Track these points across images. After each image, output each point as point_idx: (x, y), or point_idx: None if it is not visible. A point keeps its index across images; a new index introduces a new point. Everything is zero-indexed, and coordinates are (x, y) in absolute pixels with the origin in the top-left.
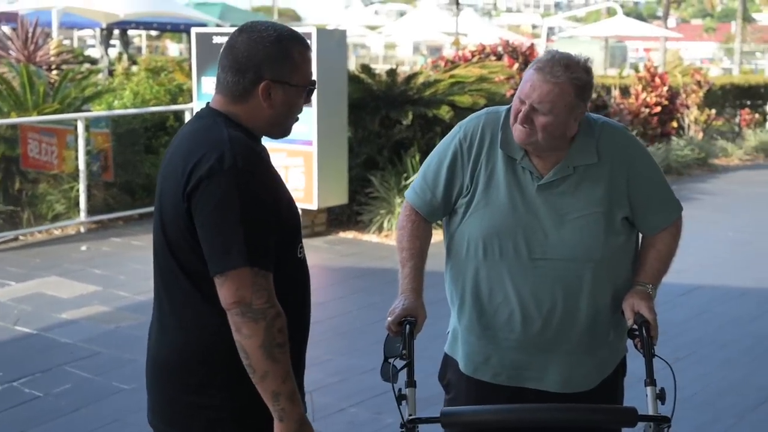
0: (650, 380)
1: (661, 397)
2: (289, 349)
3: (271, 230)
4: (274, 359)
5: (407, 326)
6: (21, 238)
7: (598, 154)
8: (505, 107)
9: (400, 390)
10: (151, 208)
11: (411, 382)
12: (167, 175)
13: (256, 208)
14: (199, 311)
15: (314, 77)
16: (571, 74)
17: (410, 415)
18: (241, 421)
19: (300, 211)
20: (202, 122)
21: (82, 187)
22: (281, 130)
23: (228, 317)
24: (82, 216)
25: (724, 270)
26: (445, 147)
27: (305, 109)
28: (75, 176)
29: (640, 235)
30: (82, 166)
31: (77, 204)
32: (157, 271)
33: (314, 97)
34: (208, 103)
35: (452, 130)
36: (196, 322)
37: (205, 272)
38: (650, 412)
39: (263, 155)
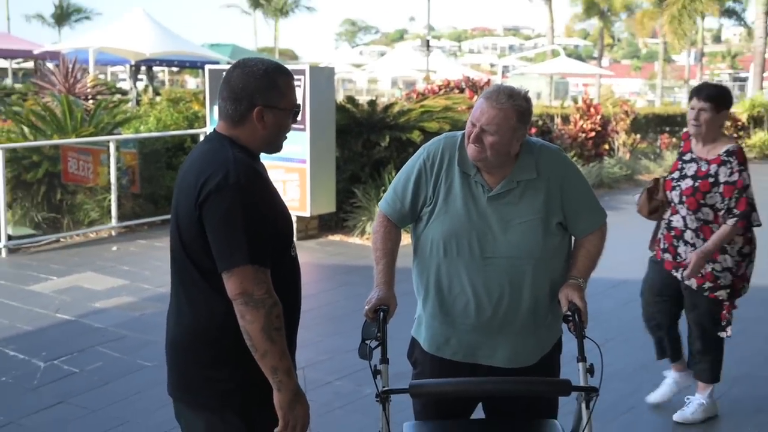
0: (581, 357)
1: (590, 371)
2: (284, 331)
3: (268, 234)
4: (273, 340)
5: (381, 313)
6: (62, 240)
7: (537, 171)
8: (461, 132)
9: (375, 366)
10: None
11: (384, 360)
12: (182, 189)
13: (255, 217)
14: (209, 300)
15: (299, 101)
16: (513, 102)
17: (384, 387)
18: (247, 391)
19: (294, 218)
20: (210, 144)
21: (113, 197)
22: (274, 147)
23: (234, 306)
24: (113, 222)
25: (645, 267)
26: (411, 165)
27: (300, 133)
28: (107, 188)
29: (573, 238)
30: (113, 180)
31: (109, 212)
32: (174, 267)
33: (307, 122)
34: (215, 128)
35: (417, 151)
36: (206, 309)
37: (214, 269)
38: (582, 384)
39: (261, 172)
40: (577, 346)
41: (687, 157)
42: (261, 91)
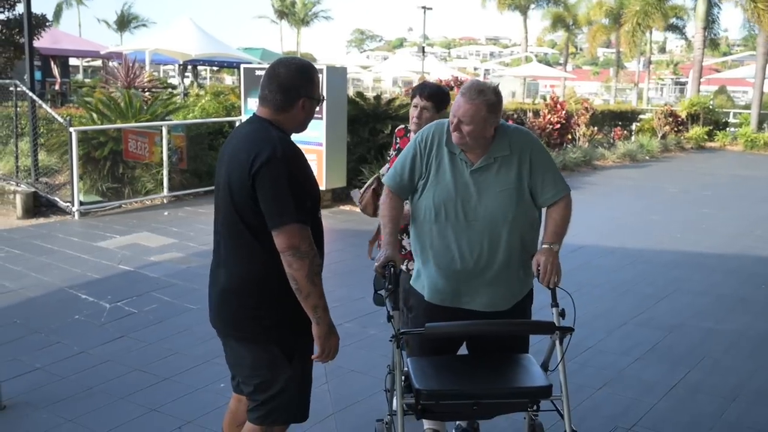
0: (554, 303)
1: (562, 314)
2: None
3: (308, 198)
4: (314, 284)
5: (391, 268)
6: (123, 206)
7: (510, 149)
8: (448, 119)
9: (389, 312)
10: (213, 187)
11: (396, 307)
12: (233, 160)
13: (297, 184)
14: (255, 253)
15: (324, 94)
16: (483, 97)
17: (398, 329)
18: (284, 326)
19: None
20: (254, 126)
21: (164, 172)
22: (303, 128)
23: (282, 257)
24: (165, 192)
25: (601, 235)
26: (409, 147)
27: (318, 121)
28: (160, 164)
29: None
30: (165, 157)
31: (161, 183)
32: (223, 226)
33: (324, 113)
34: (255, 113)
35: (414, 136)
36: (252, 259)
37: (261, 226)
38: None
39: (298, 148)
40: (551, 296)
41: None
42: (304, 85)
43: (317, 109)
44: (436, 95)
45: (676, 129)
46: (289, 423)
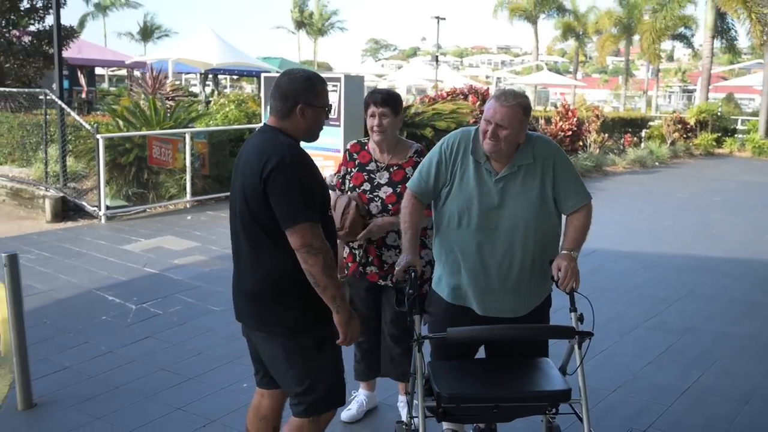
0: (573, 308)
1: (580, 319)
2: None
3: (316, 198)
4: (331, 276)
5: (412, 273)
6: (147, 210)
7: (533, 157)
8: (474, 127)
9: (408, 318)
10: None
11: (417, 311)
12: (246, 168)
13: (306, 186)
14: (273, 253)
15: (332, 102)
16: (518, 99)
17: (419, 334)
18: (307, 316)
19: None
20: (265, 134)
21: (188, 177)
22: (312, 137)
23: (297, 255)
24: (188, 196)
25: (613, 240)
26: (434, 153)
27: (336, 128)
28: (183, 170)
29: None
30: (188, 163)
31: (184, 188)
32: (241, 230)
33: (342, 120)
34: (266, 122)
35: (439, 141)
36: (272, 260)
37: (276, 228)
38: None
39: (305, 153)
40: (569, 300)
41: (371, 166)
42: (302, 93)
43: (325, 117)
44: (390, 100)
45: (685, 136)
46: (332, 409)
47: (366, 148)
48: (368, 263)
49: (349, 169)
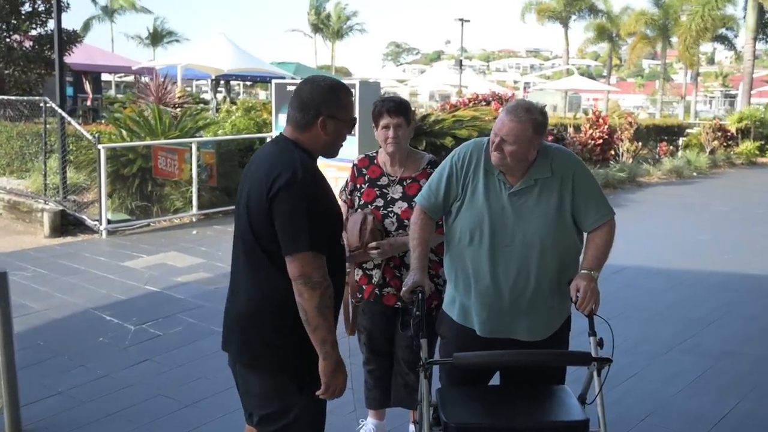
0: (592, 332)
1: (600, 344)
2: (333, 309)
3: (326, 225)
4: (324, 317)
5: (419, 294)
6: (151, 224)
7: (551, 170)
8: (487, 138)
9: (415, 342)
10: None
11: (424, 334)
12: (254, 181)
13: (316, 210)
14: (272, 277)
15: (355, 115)
16: (530, 116)
17: (426, 358)
18: (300, 357)
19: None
20: (279, 146)
21: (194, 189)
22: (332, 152)
23: (293, 285)
24: (194, 210)
25: (644, 255)
26: (444, 165)
27: (350, 138)
28: (189, 182)
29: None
30: (194, 175)
31: (191, 201)
32: (241, 248)
33: (356, 128)
34: (281, 132)
35: (450, 153)
36: (269, 284)
37: (278, 251)
38: (593, 355)
39: (321, 173)
40: (588, 323)
41: (383, 181)
42: (325, 103)
43: (348, 131)
44: (403, 108)
45: (725, 144)
46: None
47: (375, 161)
48: (386, 284)
49: (358, 185)
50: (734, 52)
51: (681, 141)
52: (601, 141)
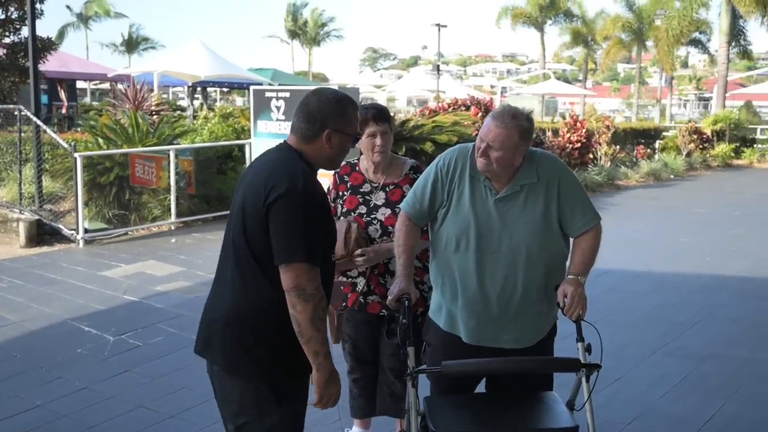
0: (580, 338)
1: (588, 350)
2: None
3: (322, 238)
4: (318, 329)
5: (406, 301)
6: (129, 233)
7: (537, 176)
8: (472, 144)
9: (402, 351)
10: (222, 212)
11: (411, 342)
12: (251, 186)
13: (313, 222)
14: (260, 285)
15: (359, 130)
16: (516, 122)
17: (413, 366)
18: (280, 367)
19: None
20: (281, 154)
21: (172, 197)
22: (334, 165)
23: (286, 296)
24: (172, 218)
25: (627, 258)
26: (429, 172)
27: None
28: (167, 190)
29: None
30: (172, 182)
31: (169, 209)
32: (231, 253)
33: None
34: (285, 140)
35: (435, 159)
36: (256, 292)
37: (269, 259)
38: (581, 361)
39: (321, 186)
40: (575, 329)
41: (365, 188)
42: (332, 116)
43: (351, 145)
44: (386, 115)
45: (701, 146)
46: None
47: (357, 168)
48: (370, 292)
49: (340, 193)
50: (708, 56)
51: (658, 144)
52: (579, 145)
